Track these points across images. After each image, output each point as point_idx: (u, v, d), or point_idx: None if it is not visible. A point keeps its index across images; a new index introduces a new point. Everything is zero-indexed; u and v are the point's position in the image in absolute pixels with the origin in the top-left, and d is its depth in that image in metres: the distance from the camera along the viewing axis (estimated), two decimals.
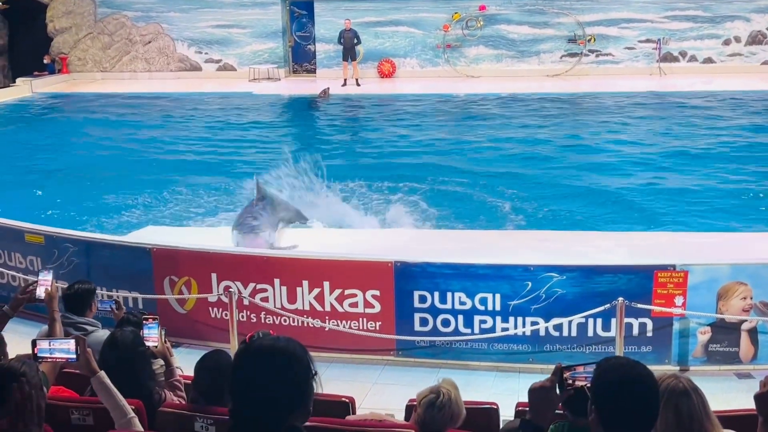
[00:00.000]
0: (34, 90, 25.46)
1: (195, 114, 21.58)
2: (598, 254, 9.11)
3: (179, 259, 8.18)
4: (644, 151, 15.93)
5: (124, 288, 8.23)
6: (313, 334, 7.70)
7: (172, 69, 27.34)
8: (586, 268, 7.39)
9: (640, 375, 2.80)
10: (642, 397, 2.77)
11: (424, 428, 4.23)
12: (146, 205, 12.66)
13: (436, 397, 4.19)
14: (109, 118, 21.07)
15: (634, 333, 7.26)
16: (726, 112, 19.49)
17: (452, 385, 4.34)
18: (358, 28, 24.97)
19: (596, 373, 2.90)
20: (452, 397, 4.20)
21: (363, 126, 20.23)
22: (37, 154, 16.52)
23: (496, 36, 25.56)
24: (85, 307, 6.01)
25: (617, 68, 24.94)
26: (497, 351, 7.50)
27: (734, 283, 7.18)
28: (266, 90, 24.58)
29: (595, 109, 20.51)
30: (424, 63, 26.05)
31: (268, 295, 7.78)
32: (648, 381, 2.79)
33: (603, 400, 2.81)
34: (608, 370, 2.86)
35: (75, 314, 5.96)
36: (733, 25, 24.53)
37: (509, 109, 20.75)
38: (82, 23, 27.64)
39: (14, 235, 8.91)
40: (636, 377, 2.79)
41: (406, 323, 7.57)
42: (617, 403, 2.77)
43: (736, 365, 7.32)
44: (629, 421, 2.76)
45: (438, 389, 4.22)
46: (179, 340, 7.89)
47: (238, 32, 26.80)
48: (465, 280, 7.46)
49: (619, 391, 2.78)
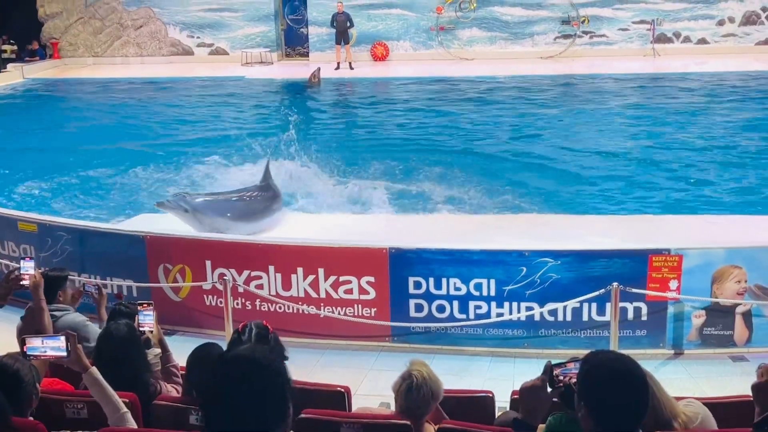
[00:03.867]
0: (25, 76, 25.29)
1: (187, 99, 21.46)
2: (593, 237, 9.11)
3: (173, 247, 8.15)
4: (638, 132, 15.90)
5: (118, 276, 8.20)
6: (308, 321, 7.70)
7: (164, 54, 27.18)
8: (581, 252, 7.38)
9: (627, 369, 2.75)
10: (631, 391, 2.73)
11: (410, 415, 4.20)
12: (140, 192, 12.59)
13: (410, 382, 4.15)
14: (100, 103, 20.98)
15: (629, 317, 7.26)
16: (720, 93, 19.46)
17: (421, 363, 4.30)
18: (351, 11, 24.82)
19: (582, 369, 2.85)
20: (425, 375, 4.17)
21: (356, 110, 20.15)
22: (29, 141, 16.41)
23: (489, 18, 25.45)
24: (55, 294, 5.85)
25: (611, 50, 24.86)
26: (492, 336, 7.50)
27: (729, 267, 7.18)
28: (259, 74, 24.46)
29: (589, 91, 20.47)
30: (418, 46, 25.94)
31: (263, 282, 7.76)
32: (635, 374, 2.75)
33: (591, 396, 2.77)
34: (595, 366, 2.81)
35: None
36: (727, 6, 24.45)
37: (502, 91, 20.70)
38: (72, 8, 27.44)
39: (7, 223, 8.86)
40: (623, 371, 2.74)
41: (401, 309, 7.55)
42: (606, 398, 2.72)
43: (730, 348, 7.33)
44: (619, 416, 2.71)
45: (409, 374, 4.19)
46: (174, 328, 7.89)
47: (230, 16, 26.63)
48: (460, 266, 7.44)
49: (607, 386, 2.73)
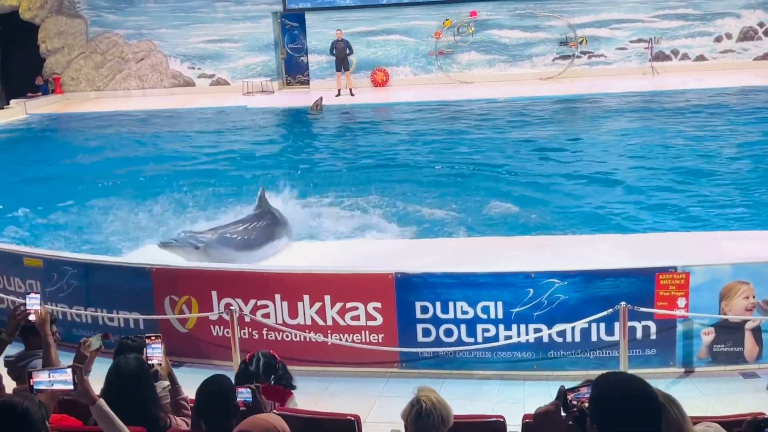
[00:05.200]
0: (28, 111, 25.42)
1: (189, 130, 21.54)
2: (598, 257, 9.09)
3: (179, 278, 8.14)
4: (639, 151, 15.90)
5: (124, 309, 8.20)
6: (316, 348, 7.68)
7: (166, 85, 27.34)
8: (588, 272, 7.36)
9: (639, 390, 2.75)
10: (642, 412, 2.71)
11: None
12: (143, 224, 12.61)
13: (420, 408, 4.13)
14: (103, 137, 21.05)
15: (637, 336, 7.23)
16: (720, 109, 19.49)
17: (429, 390, 4.28)
18: (350, 38, 24.98)
19: (594, 391, 2.85)
20: (434, 401, 4.15)
21: (358, 136, 20.19)
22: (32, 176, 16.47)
23: (487, 41, 25.58)
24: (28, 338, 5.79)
25: (610, 69, 24.95)
26: (501, 359, 7.46)
27: (736, 283, 7.16)
28: (260, 103, 24.56)
29: (589, 111, 20.52)
30: (417, 70, 26.07)
31: (269, 311, 7.74)
32: (647, 396, 2.75)
33: (603, 417, 2.76)
34: (606, 388, 2.81)
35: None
36: (723, 22, 24.56)
37: (503, 113, 20.74)
38: (74, 43, 27.65)
39: (12, 259, 8.88)
40: (635, 392, 2.74)
41: (408, 335, 7.53)
42: (618, 419, 2.72)
43: (741, 365, 7.29)
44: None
45: (417, 400, 4.16)
46: (182, 360, 7.86)
47: (231, 46, 26.81)
48: (466, 289, 7.42)
49: (618, 407, 2.73)
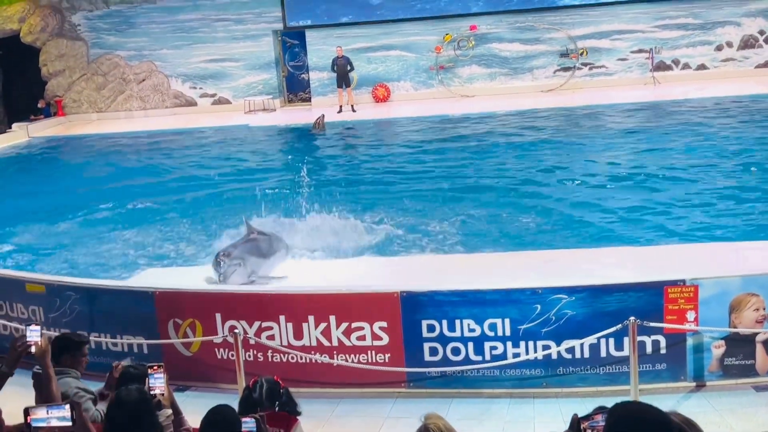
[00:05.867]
0: (31, 135, 25.48)
1: (192, 150, 21.54)
2: (605, 271, 9.00)
3: (183, 301, 8.07)
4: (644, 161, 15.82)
5: (128, 333, 8.12)
6: (322, 370, 7.59)
7: (168, 106, 27.40)
8: (595, 287, 7.26)
9: (653, 419, 2.70)
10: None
11: None
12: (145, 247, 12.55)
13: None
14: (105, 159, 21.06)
15: (647, 351, 7.13)
16: (723, 118, 19.43)
17: (437, 416, 4.23)
18: (350, 54, 25.03)
19: (608, 421, 2.79)
20: (442, 428, 4.10)
21: (360, 152, 20.18)
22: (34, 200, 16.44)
23: (488, 54, 25.60)
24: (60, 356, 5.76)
25: (611, 80, 24.93)
26: (510, 377, 7.36)
27: (746, 295, 7.07)
28: (262, 121, 24.60)
29: (592, 122, 20.46)
30: (418, 85, 26.09)
31: (274, 332, 7.66)
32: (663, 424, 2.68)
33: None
34: (621, 416, 2.76)
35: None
36: (724, 31, 24.55)
37: (505, 126, 20.71)
38: (75, 65, 27.74)
39: (15, 285, 8.81)
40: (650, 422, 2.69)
41: (415, 354, 7.44)
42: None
43: (753, 378, 7.18)
44: None
45: (425, 427, 4.11)
46: (186, 384, 7.80)
47: (232, 65, 26.87)
48: (473, 307, 7.33)
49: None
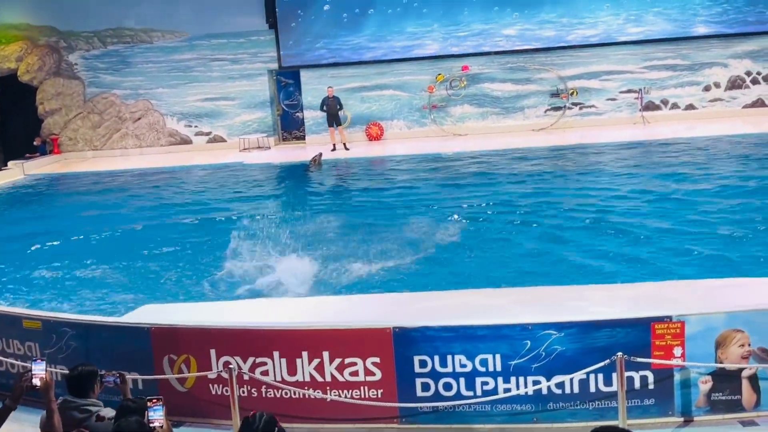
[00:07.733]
0: (27, 172, 25.62)
1: (186, 188, 21.71)
2: (593, 308, 9.13)
3: (178, 337, 8.15)
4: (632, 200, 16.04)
5: (123, 369, 8.13)
6: (315, 405, 7.67)
7: (163, 144, 27.65)
8: (584, 323, 7.39)
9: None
10: None
11: None
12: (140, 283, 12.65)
13: None
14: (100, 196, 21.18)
15: (635, 386, 7.25)
16: (710, 157, 19.73)
17: None
18: (344, 93, 25.41)
19: None
20: None
21: (353, 190, 20.36)
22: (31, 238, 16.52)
23: (480, 94, 26.00)
24: (88, 389, 6.12)
25: (601, 119, 25.33)
26: (501, 412, 7.46)
27: (731, 331, 7.21)
28: (257, 159, 24.84)
29: (581, 161, 20.74)
30: (412, 124, 26.44)
31: (268, 368, 7.75)
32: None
33: None
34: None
35: (78, 397, 6.07)
36: (711, 72, 25.04)
37: (496, 165, 20.96)
38: (71, 104, 28.02)
39: (11, 321, 8.89)
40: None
41: (408, 389, 7.53)
42: None
43: (739, 413, 7.30)
44: None
45: None
46: (182, 419, 7.86)
47: (227, 104, 27.20)
48: (465, 342, 7.44)
49: None
